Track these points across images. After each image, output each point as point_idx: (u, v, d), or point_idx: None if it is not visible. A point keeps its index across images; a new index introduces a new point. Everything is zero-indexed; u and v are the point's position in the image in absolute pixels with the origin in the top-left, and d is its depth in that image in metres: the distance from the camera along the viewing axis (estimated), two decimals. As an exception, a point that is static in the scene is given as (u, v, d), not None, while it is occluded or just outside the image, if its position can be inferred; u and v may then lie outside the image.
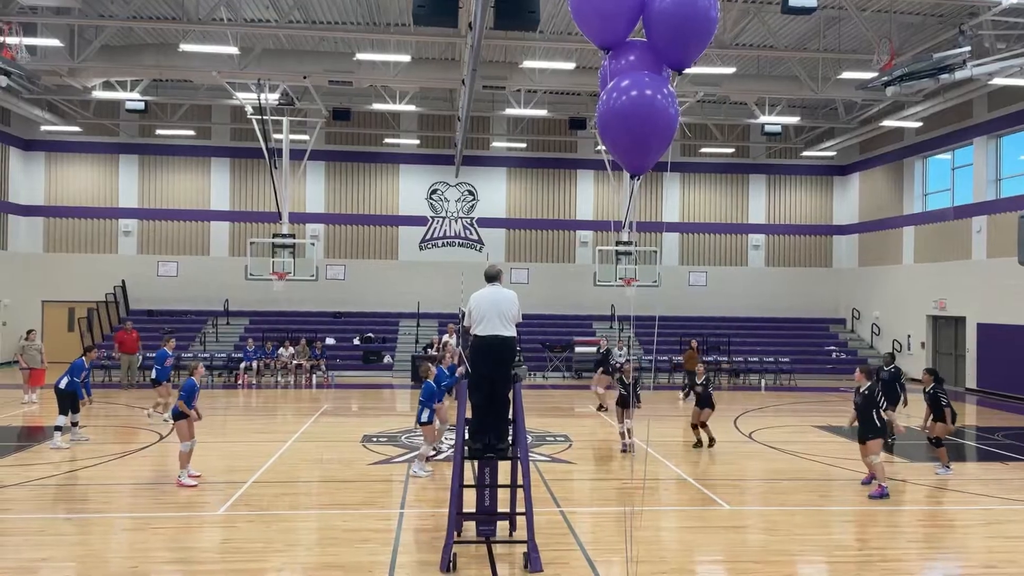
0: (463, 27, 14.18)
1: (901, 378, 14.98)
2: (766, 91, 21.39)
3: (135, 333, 21.64)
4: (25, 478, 10.64)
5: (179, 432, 10.46)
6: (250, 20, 18.60)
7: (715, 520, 9.25)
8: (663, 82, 5.51)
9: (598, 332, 27.39)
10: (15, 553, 7.76)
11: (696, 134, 28.40)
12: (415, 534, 8.51)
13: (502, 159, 28.86)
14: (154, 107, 25.35)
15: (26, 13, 16.52)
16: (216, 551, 7.90)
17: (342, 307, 27.72)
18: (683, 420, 17.06)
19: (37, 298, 26.84)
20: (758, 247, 29.86)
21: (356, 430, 14.74)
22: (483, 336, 7.79)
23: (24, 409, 16.88)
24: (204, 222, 27.89)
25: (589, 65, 21.27)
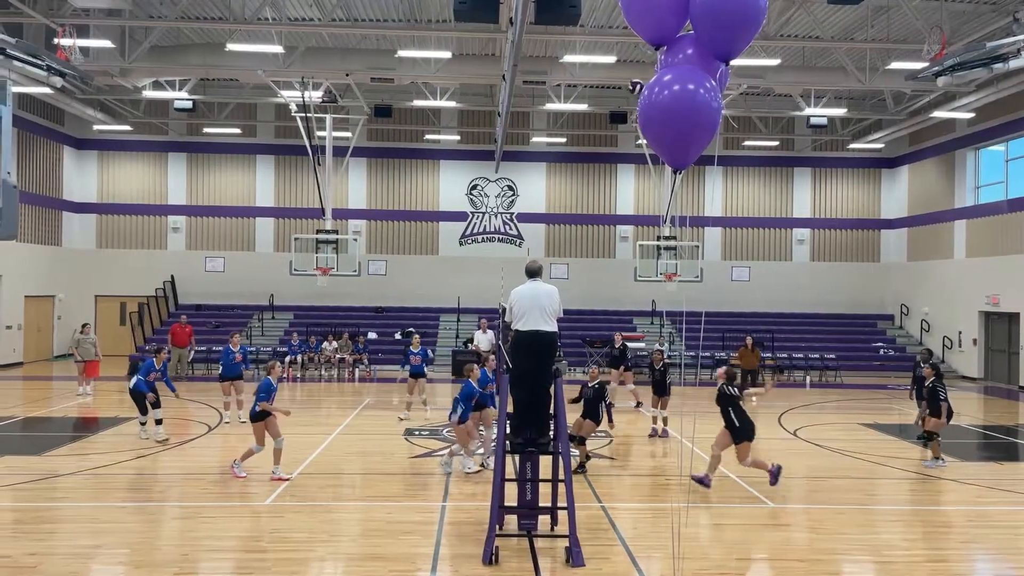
0: (504, 22, 14.19)
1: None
2: (812, 83, 21.00)
3: (189, 328, 22.15)
4: (79, 467, 11.00)
5: (255, 433, 10.35)
6: (294, 19, 18.87)
7: (758, 518, 9.16)
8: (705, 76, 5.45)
9: (639, 328, 27.23)
10: (71, 539, 8.03)
11: (740, 127, 28.01)
12: (457, 527, 8.58)
13: (542, 154, 28.83)
14: (202, 106, 25.89)
15: (79, 15, 17.00)
16: (263, 540, 8.08)
17: (383, 302, 28.02)
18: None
19: (90, 293, 27.65)
20: (803, 241, 29.36)
21: (398, 424, 14.89)
22: (524, 331, 7.82)
23: (79, 400, 17.42)
24: (250, 218, 28.42)
25: (630, 58, 21.12)
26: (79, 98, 23.67)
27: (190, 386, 20.12)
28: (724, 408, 10.18)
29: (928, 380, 12.15)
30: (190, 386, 20.12)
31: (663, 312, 27.02)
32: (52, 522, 8.67)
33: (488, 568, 7.21)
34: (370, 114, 24.70)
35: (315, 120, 23.11)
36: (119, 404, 17.36)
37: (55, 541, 7.96)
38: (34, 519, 8.74)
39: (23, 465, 11.12)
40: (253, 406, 10.40)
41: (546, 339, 7.86)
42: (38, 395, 18.76)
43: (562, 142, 28.47)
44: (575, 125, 28.02)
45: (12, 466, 11.08)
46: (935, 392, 11.91)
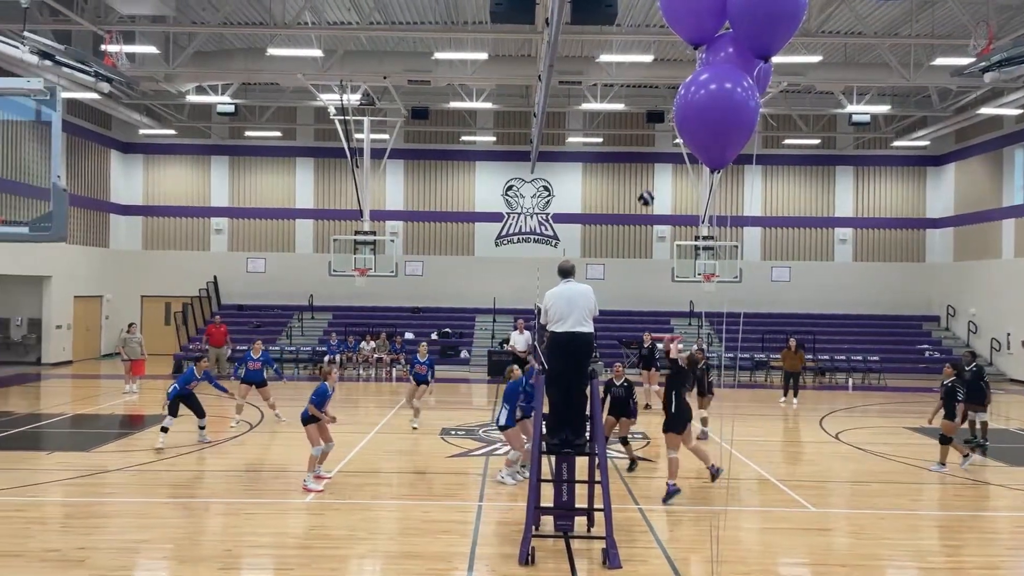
0: (540, 23, 14.20)
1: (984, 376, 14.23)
2: (854, 79, 20.61)
3: (224, 327, 22.57)
4: (126, 463, 11.27)
5: (309, 436, 10.12)
6: (333, 23, 19.10)
7: (799, 522, 9.03)
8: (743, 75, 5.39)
9: (676, 329, 26.99)
10: (118, 534, 8.24)
11: (780, 125, 27.62)
12: (494, 527, 8.61)
13: (578, 154, 28.76)
14: (243, 110, 26.35)
15: (125, 22, 17.42)
16: (303, 537, 8.20)
17: (420, 302, 28.21)
18: (767, 420, 16.69)
19: (137, 293, 28.31)
20: (845, 241, 28.84)
21: (435, 423, 14.99)
22: (560, 333, 7.82)
23: (125, 398, 17.85)
24: (290, 220, 28.84)
25: (668, 57, 20.96)
26: (125, 103, 24.27)
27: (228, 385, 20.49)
28: (670, 389, 9.89)
29: (947, 379, 11.79)
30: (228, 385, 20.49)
31: (702, 313, 26.78)
32: (100, 517, 8.90)
33: (524, 568, 7.22)
34: (407, 116, 24.88)
35: (353, 123, 23.36)
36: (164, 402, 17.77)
37: (102, 535, 8.17)
38: (83, 514, 8.98)
39: (72, 461, 11.44)
40: (305, 410, 10.17)
41: (583, 340, 7.85)
42: (86, 393, 19.27)
43: (598, 142, 28.36)
44: (611, 125, 27.91)
45: (62, 462, 11.41)
46: (953, 392, 11.57)
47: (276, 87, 25.45)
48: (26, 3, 14.13)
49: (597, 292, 8.24)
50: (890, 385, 23.04)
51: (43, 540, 7.92)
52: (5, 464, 11.24)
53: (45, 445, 13.02)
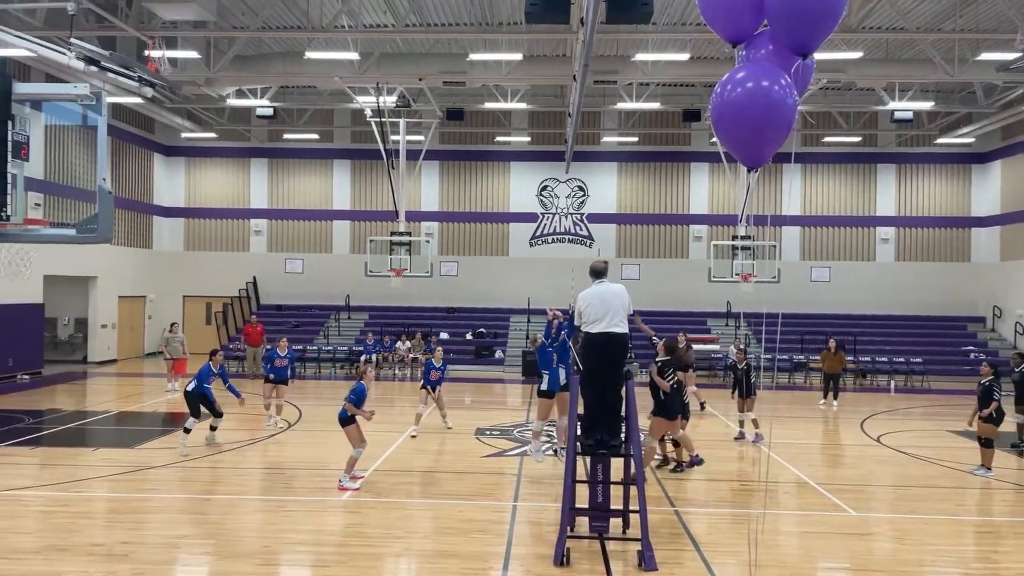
0: (575, 23, 14.17)
1: None
2: (896, 76, 20.19)
3: (260, 327, 22.95)
4: (169, 460, 11.51)
5: (350, 437, 10.06)
6: (369, 25, 19.28)
7: (839, 526, 8.88)
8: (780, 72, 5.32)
9: (713, 329, 26.74)
10: (161, 529, 8.42)
11: (820, 123, 27.20)
12: (529, 527, 8.62)
13: (613, 154, 28.63)
14: (282, 113, 26.73)
15: (168, 28, 17.79)
16: (340, 535, 8.29)
17: (455, 303, 28.33)
18: (806, 422, 16.44)
19: (179, 293, 28.90)
20: (887, 240, 28.28)
21: (469, 423, 15.04)
22: (595, 334, 7.79)
23: (168, 397, 18.22)
24: (327, 221, 29.18)
25: (704, 55, 20.77)
26: (168, 107, 24.79)
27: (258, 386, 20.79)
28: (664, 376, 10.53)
29: (985, 379, 11.51)
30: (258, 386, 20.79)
31: (739, 313, 26.48)
32: (143, 512, 9.10)
33: (559, 569, 7.21)
34: (442, 117, 25.02)
35: (389, 124, 23.56)
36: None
37: (146, 530, 8.36)
38: (127, 509, 9.19)
39: (117, 457, 11.72)
40: (343, 410, 10.07)
41: (618, 341, 7.82)
42: (131, 391, 19.72)
43: (633, 141, 28.21)
44: (647, 124, 27.73)
45: (107, 458, 11.69)
46: (990, 392, 11.30)
47: (314, 90, 25.78)
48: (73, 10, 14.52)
49: (632, 292, 8.20)
50: (934, 388, 22.53)
51: (89, 534, 8.12)
52: (53, 460, 11.56)
53: (91, 442, 13.35)
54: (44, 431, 13.87)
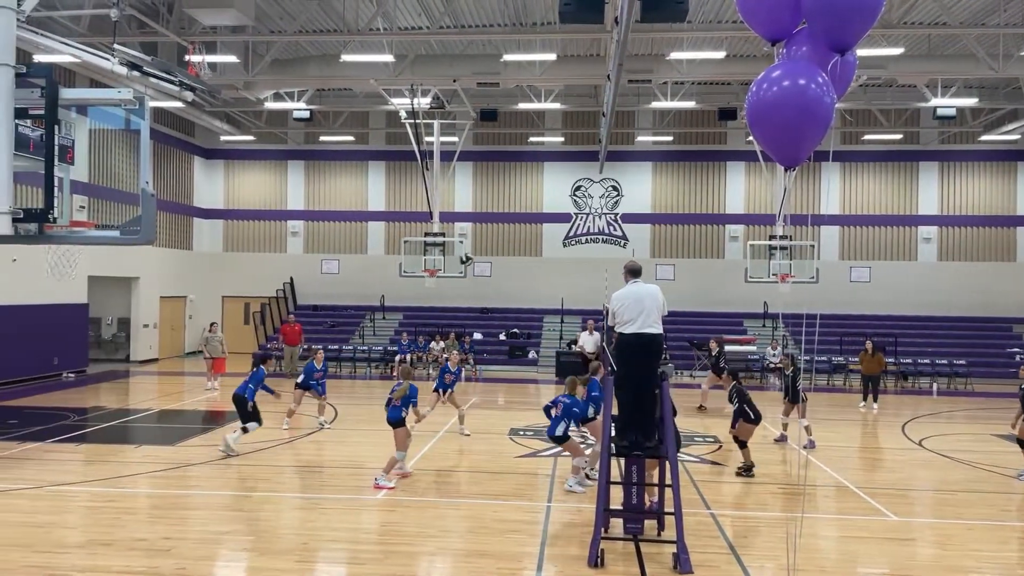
0: (609, 22, 14.12)
1: None
2: (938, 72, 19.77)
3: (298, 326, 23.27)
4: (209, 457, 11.72)
5: (397, 439, 10.16)
6: (404, 28, 19.43)
7: (880, 531, 8.71)
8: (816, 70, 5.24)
9: (750, 330, 26.44)
10: (202, 525, 8.57)
11: (859, 120, 26.74)
12: (562, 528, 8.61)
13: (647, 153, 28.47)
14: (318, 115, 27.05)
15: (207, 33, 18.13)
16: (376, 533, 8.37)
17: (489, 303, 28.40)
18: (846, 425, 16.18)
19: (218, 293, 29.42)
20: (929, 240, 27.69)
21: (503, 423, 15.06)
22: (629, 334, 7.76)
23: (207, 395, 18.55)
24: (362, 222, 29.47)
25: (741, 53, 20.56)
26: (207, 111, 25.25)
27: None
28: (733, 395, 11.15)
29: None
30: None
31: (777, 314, 26.13)
32: (184, 508, 9.28)
33: (593, 571, 7.19)
34: (476, 118, 25.11)
35: (423, 126, 23.71)
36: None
37: (187, 526, 8.52)
38: (168, 505, 9.38)
39: (159, 454, 11.97)
40: (396, 410, 10.07)
41: (652, 341, 7.77)
42: (171, 389, 20.11)
43: (668, 140, 28.01)
44: (682, 123, 27.51)
45: (149, 455, 11.95)
46: None
47: (349, 92, 26.05)
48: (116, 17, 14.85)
49: (667, 293, 8.14)
50: (977, 390, 22.00)
51: (132, 530, 8.30)
52: (97, 457, 11.84)
53: (133, 439, 13.65)
54: (88, 428, 14.21)
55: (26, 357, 19.93)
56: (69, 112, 7.84)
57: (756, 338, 25.42)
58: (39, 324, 20.21)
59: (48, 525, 8.41)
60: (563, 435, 9.98)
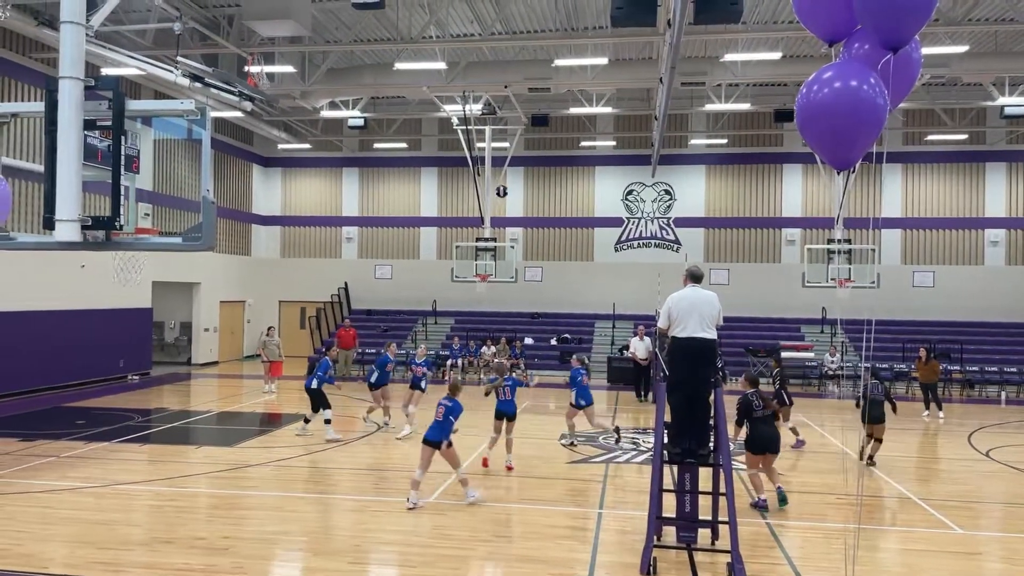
0: (661, 25, 14.00)
1: None
2: (1006, 69, 19.04)
3: (353, 331, 23.64)
4: (267, 459, 11.97)
5: (454, 459, 9.53)
6: (456, 35, 19.60)
7: (944, 544, 8.41)
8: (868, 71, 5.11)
9: (807, 336, 25.84)
10: (259, 525, 8.76)
11: (922, 120, 25.94)
12: (614, 535, 8.54)
13: (701, 156, 28.10)
14: (372, 123, 27.46)
15: (265, 44, 18.58)
16: (428, 535, 8.42)
17: (540, 308, 28.38)
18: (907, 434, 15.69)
19: (275, 298, 30.07)
20: (997, 243, 26.67)
21: (554, 429, 15.02)
22: (682, 338, 7.66)
23: (265, 398, 18.97)
24: (415, 228, 29.79)
25: (797, 53, 20.16)
26: (265, 120, 25.87)
27: (357, 386, 21.36)
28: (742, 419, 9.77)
29: None
30: (357, 386, 21.36)
31: (837, 320, 25.48)
32: (242, 508, 9.50)
33: (646, 578, 7.11)
34: (527, 123, 25.16)
35: (475, 132, 23.86)
36: (300, 401, 18.74)
37: (244, 526, 8.72)
38: (227, 505, 9.61)
39: (218, 455, 12.28)
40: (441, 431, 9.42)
41: (706, 346, 7.65)
42: (230, 392, 20.62)
43: (722, 143, 27.61)
44: (736, 125, 27.10)
45: (209, 456, 12.26)
46: None
47: (402, 100, 26.39)
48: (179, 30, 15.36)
49: (722, 298, 8.01)
50: (1051, 400, 21.08)
51: (192, 528, 8.53)
52: (159, 457, 12.21)
53: (194, 440, 14.03)
54: (152, 429, 14.67)
55: (93, 359, 20.68)
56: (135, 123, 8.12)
57: (814, 344, 24.83)
58: (106, 328, 20.95)
59: (113, 523, 8.70)
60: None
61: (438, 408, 9.51)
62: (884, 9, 4.88)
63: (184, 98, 8.29)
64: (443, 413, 9.45)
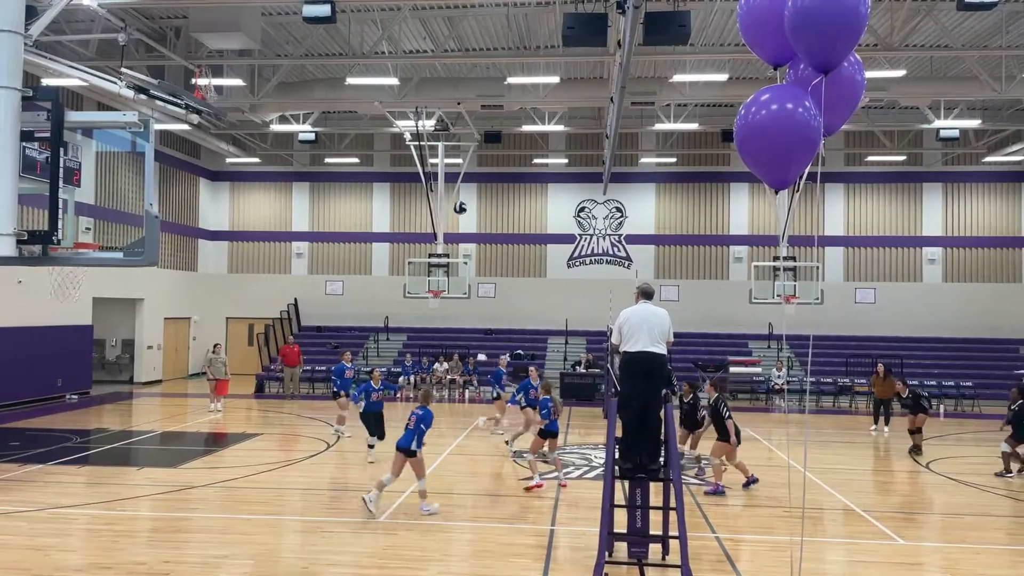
0: (612, 45, 14.23)
1: None
2: (941, 93, 19.84)
3: (296, 348, 23.34)
4: (211, 480, 11.65)
5: (417, 468, 9.74)
6: (409, 51, 19.60)
7: (887, 555, 8.60)
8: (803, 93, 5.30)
9: (755, 352, 26.34)
10: (202, 549, 8.50)
11: (862, 142, 26.81)
12: (567, 552, 8.52)
13: (651, 175, 28.55)
14: (323, 137, 27.22)
15: (214, 56, 18.31)
16: (378, 556, 8.28)
17: (493, 324, 28.36)
18: (850, 447, 16.05)
19: (222, 315, 29.45)
20: (934, 261, 27.63)
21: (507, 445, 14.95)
22: (632, 352, 7.72)
23: (211, 417, 18.50)
24: (367, 243, 29.55)
25: (743, 75, 20.67)
26: (213, 133, 25.43)
27: (305, 404, 21.06)
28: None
29: (1015, 403, 12.19)
30: (305, 404, 21.06)
31: (782, 335, 26.04)
32: (185, 531, 9.21)
33: (598, 595, 7.10)
34: (480, 140, 25.25)
35: (428, 148, 23.83)
36: (246, 421, 18.35)
37: (187, 550, 8.45)
38: (169, 528, 9.31)
39: (160, 477, 11.91)
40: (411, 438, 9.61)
41: (656, 361, 7.72)
42: (174, 411, 20.07)
43: (672, 162, 28.10)
44: (685, 145, 27.61)
45: (150, 477, 11.88)
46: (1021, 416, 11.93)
47: (354, 115, 26.24)
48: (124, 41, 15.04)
49: (672, 314, 8.10)
50: (985, 412, 21.82)
51: (131, 553, 8.24)
52: (98, 479, 11.79)
53: (135, 461, 13.60)
54: (90, 450, 14.16)
55: (30, 379, 19.93)
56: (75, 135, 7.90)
57: (761, 359, 25.31)
58: (43, 346, 20.23)
59: (48, 548, 8.35)
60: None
61: (410, 417, 9.73)
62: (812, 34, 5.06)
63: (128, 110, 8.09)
64: (415, 421, 9.66)
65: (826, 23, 4.95)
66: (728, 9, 16.62)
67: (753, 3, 5.60)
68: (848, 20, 4.97)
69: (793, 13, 5.06)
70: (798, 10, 5.04)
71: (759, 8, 5.52)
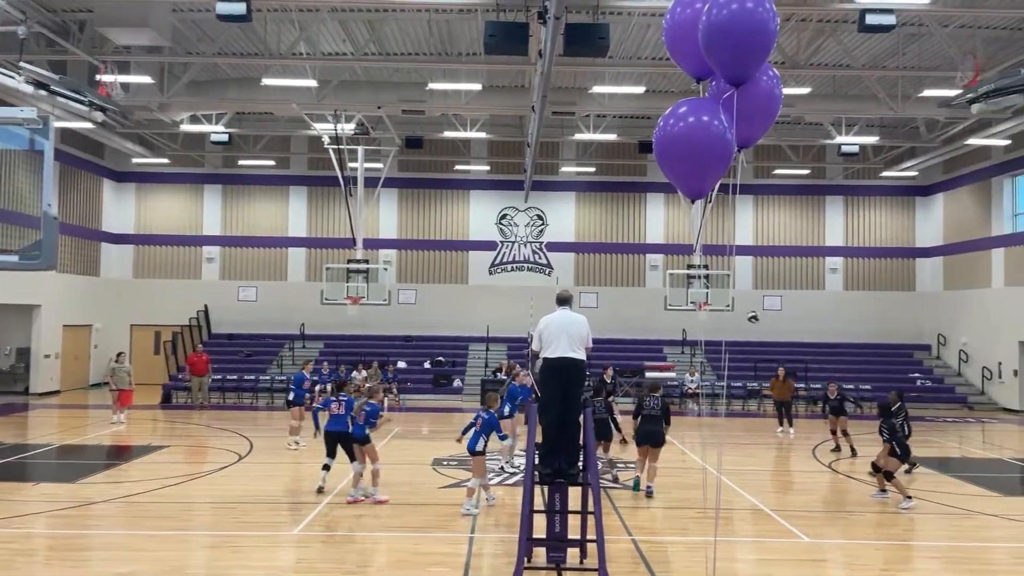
0: (533, 55, 14.35)
1: None
2: (843, 111, 20.88)
3: (205, 356, 22.53)
4: (113, 495, 11.10)
5: (373, 454, 10.99)
6: (328, 54, 19.26)
7: (794, 552, 8.94)
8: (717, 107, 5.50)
9: (669, 357, 26.99)
10: (103, 567, 8.09)
11: (770, 155, 27.89)
12: (486, 559, 8.50)
13: (571, 184, 28.94)
14: (237, 139, 26.40)
15: (120, 52, 17.53)
16: (291, 571, 8.06)
17: (413, 331, 28.11)
18: (759, 449, 16.62)
19: (126, 322, 28.13)
20: (836, 270, 28.99)
21: (426, 453, 14.85)
22: (552, 358, 7.79)
23: (113, 429, 17.64)
24: (282, 248, 28.82)
25: (659, 89, 21.21)
26: (119, 132, 24.30)
27: (215, 415, 20.37)
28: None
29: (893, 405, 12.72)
30: (215, 415, 20.37)
31: (697, 341, 26.77)
32: (84, 549, 8.75)
33: (517, 601, 7.11)
34: (401, 145, 25.03)
35: (347, 152, 23.46)
36: (151, 432, 17.60)
37: (87, 568, 8.02)
38: (68, 546, 8.82)
39: (58, 492, 11.27)
40: (361, 429, 10.94)
41: (575, 366, 7.81)
42: (74, 423, 19.05)
43: (591, 171, 28.56)
44: (604, 155, 28.12)
45: (47, 493, 11.24)
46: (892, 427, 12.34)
47: (270, 116, 25.59)
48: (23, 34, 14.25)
49: (590, 320, 8.21)
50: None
51: (28, 572, 7.77)
52: (-11, 495, 11.06)
53: (31, 476, 12.82)
54: (-20, 465, 13.28)
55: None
56: (-35, 130, 7.39)
57: (675, 364, 25.95)
58: (-73, 354, 18.88)
59: (-70, 572, 7.79)
60: (482, 450, 10.62)
61: (360, 413, 11.06)
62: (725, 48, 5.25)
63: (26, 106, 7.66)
64: (364, 417, 11.00)
65: (737, 38, 5.14)
66: (646, 23, 17.05)
67: (677, 17, 5.78)
68: (758, 35, 5.17)
69: (707, 28, 5.24)
70: (711, 25, 5.22)
71: (683, 23, 5.70)
